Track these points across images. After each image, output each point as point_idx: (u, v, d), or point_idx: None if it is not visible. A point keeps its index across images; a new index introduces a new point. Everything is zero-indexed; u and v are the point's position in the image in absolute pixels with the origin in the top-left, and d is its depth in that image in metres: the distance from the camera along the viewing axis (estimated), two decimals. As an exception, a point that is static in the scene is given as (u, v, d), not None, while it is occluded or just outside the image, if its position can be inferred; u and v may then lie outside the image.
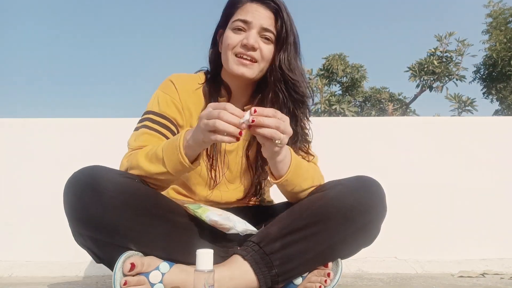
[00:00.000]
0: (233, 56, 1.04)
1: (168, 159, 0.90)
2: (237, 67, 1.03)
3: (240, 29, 1.04)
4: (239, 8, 1.05)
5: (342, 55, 12.33)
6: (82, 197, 0.88)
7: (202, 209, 0.97)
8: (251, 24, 1.02)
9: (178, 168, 0.91)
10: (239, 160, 1.13)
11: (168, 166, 0.90)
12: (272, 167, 0.98)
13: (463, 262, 1.71)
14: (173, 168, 0.91)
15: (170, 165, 0.90)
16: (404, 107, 12.25)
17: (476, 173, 1.87)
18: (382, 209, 1.03)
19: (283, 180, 0.98)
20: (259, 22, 1.02)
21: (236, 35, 1.04)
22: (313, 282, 0.98)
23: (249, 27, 1.03)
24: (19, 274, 1.61)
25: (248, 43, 1.01)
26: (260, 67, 1.05)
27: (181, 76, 1.12)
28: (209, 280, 0.78)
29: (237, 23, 1.04)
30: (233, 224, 0.95)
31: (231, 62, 1.04)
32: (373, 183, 1.03)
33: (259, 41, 1.03)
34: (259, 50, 1.03)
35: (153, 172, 0.93)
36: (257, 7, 1.04)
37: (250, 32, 1.02)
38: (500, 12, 11.76)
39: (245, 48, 1.02)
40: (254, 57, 1.03)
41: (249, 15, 1.03)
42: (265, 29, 1.03)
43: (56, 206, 1.03)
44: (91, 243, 0.91)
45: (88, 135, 1.91)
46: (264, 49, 1.03)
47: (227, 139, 0.83)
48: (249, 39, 1.01)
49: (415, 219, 1.81)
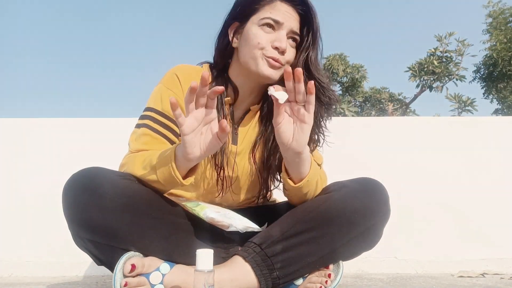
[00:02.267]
0: (262, 57, 0.98)
1: (160, 170, 0.88)
2: (266, 69, 0.98)
3: (269, 27, 0.99)
4: (268, 5, 0.99)
5: (342, 55, 12.32)
6: (81, 200, 0.86)
7: (200, 206, 0.96)
8: (282, 25, 0.98)
9: (169, 181, 0.88)
10: (246, 163, 1.10)
11: (159, 177, 0.89)
12: (295, 168, 0.95)
13: (463, 262, 1.70)
14: (165, 180, 0.89)
15: (161, 177, 0.88)
16: (404, 107, 12.25)
17: (476, 173, 1.87)
18: (386, 212, 1.02)
19: (304, 182, 0.96)
20: (290, 25, 0.99)
21: (266, 34, 0.98)
22: (314, 282, 0.97)
23: (279, 28, 0.98)
24: (19, 274, 1.61)
25: (281, 46, 0.97)
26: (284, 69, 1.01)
27: (185, 68, 1.07)
28: (209, 280, 0.78)
29: (267, 21, 0.98)
30: (232, 222, 0.93)
31: (260, 64, 0.98)
32: (378, 186, 1.03)
33: (287, 44, 0.99)
34: (286, 53, 1.00)
35: (147, 180, 0.92)
36: (287, 8, 1.00)
37: (280, 33, 0.98)
38: (500, 12, 11.74)
39: (277, 51, 0.98)
40: (282, 61, 0.99)
41: (281, 16, 0.98)
42: (294, 32, 1.00)
43: (56, 206, 1.03)
44: (91, 246, 0.90)
45: (88, 135, 1.90)
46: (290, 53, 1.01)
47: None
48: (282, 42, 0.97)
49: (415, 219, 1.81)
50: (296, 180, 0.97)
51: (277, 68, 0.99)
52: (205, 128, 0.85)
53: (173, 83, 1.04)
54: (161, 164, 0.88)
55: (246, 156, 1.09)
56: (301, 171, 0.95)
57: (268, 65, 0.98)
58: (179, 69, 1.06)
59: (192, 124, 0.82)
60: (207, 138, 0.85)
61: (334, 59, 12.14)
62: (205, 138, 0.85)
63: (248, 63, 1.00)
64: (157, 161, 0.88)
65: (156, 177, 0.89)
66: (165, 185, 0.90)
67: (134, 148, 1.00)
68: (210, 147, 0.85)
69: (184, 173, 0.89)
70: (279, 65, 0.99)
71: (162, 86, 1.04)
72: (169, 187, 0.92)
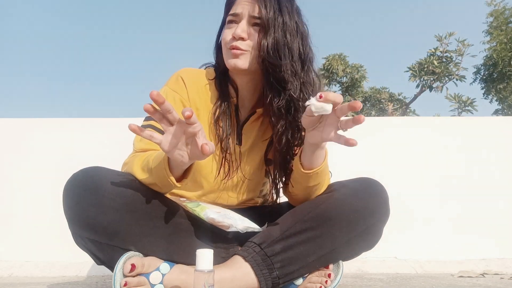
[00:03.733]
0: (228, 50, 1.01)
1: (156, 173, 0.86)
2: (229, 60, 1.00)
3: (232, 23, 1.01)
4: (233, 4, 1.02)
5: (342, 55, 12.32)
6: (81, 199, 0.87)
7: (201, 207, 0.96)
8: (240, 16, 1.00)
9: (165, 183, 0.87)
10: (249, 163, 1.10)
11: (156, 179, 0.88)
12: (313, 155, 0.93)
13: (463, 262, 1.71)
14: (161, 183, 0.88)
15: (157, 179, 0.87)
16: (404, 107, 12.24)
17: (476, 173, 1.87)
18: (385, 212, 1.02)
19: (317, 169, 0.95)
20: (247, 11, 0.99)
21: (228, 30, 1.01)
22: (314, 282, 0.98)
23: (239, 19, 1.00)
24: (19, 274, 1.61)
25: (235, 33, 0.98)
26: (252, 55, 1.00)
27: (190, 71, 1.09)
28: (209, 280, 0.78)
29: (229, 18, 1.02)
30: (232, 222, 0.93)
31: (226, 57, 1.02)
32: (377, 186, 1.03)
33: (251, 30, 0.99)
34: (249, 39, 0.99)
35: (146, 182, 0.91)
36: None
37: (240, 23, 1.00)
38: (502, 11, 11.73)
39: (234, 39, 0.99)
40: (242, 47, 0.99)
41: (239, 7, 1.00)
42: (253, 16, 0.99)
43: (56, 206, 1.03)
44: (91, 245, 0.90)
45: (88, 135, 1.90)
46: (254, 37, 0.99)
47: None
48: (237, 29, 0.98)
49: (415, 219, 1.81)
50: (307, 168, 0.97)
51: (238, 55, 0.99)
52: (190, 139, 0.80)
53: (178, 85, 1.05)
54: (156, 167, 0.86)
55: (250, 157, 1.09)
56: (317, 159, 0.95)
57: (230, 55, 1.00)
58: (183, 71, 1.07)
59: (171, 141, 0.78)
60: (194, 147, 0.80)
61: (334, 59, 12.14)
62: (192, 148, 0.81)
63: (225, 61, 1.03)
64: (153, 164, 0.87)
65: (153, 180, 0.89)
66: (161, 187, 0.90)
67: (138, 148, 1.00)
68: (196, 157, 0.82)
69: (180, 174, 0.88)
70: (240, 52, 0.99)
71: (167, 88, 1.05)
72: (166, 190, 0.92)
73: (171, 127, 0.78)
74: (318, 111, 0.79)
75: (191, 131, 0.77)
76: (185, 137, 0.79)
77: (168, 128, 0.78)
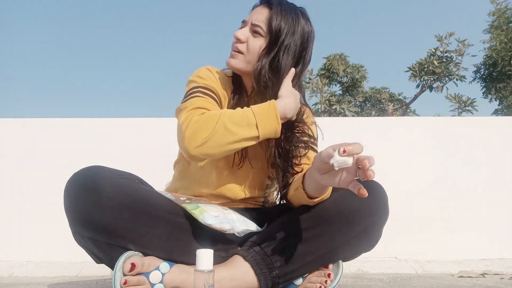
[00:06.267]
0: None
1: (263, 124, 0.93)
2: (228, 60, 1.07)
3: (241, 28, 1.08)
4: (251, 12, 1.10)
5: (343, 55, 12.32)
6: (81, 198, 0.88)
7: (199, 209, 0.96)
8: (246, 22, 1.07)
9: (269, 134, 0.95)
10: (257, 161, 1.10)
11: (261, 131, 0.93)
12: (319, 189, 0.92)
13: (463, 262, 1.71)
14: (264, 134, 0.94)
15: (264, 131, 0.93)
16: (404, 107, 12.24)
17: (476, 173, 1.87)
18: (385, 212, 1.02)
19: (324, 196, 0.95)
20: (251, 19, 1.06)
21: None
22: (313, 282, 0.98)
23: (245, 25, 1.07)
24: (19, 274, 1.61)
25: (235, 35, 1.05)
26: (247, 58, 1.05)
27: (213, 68, 1.14)
28: (209, 280, 0.78)
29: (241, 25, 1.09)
30: (231, 226, 0.93)
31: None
32: (375, 185, 1.02)
33: (249, 35, 1.05)
34: (246, 42, 1.05)
35: (242, 137, 0.92)
36: (257, 8, 1.08)
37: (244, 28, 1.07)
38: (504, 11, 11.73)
39: (236, 41, 1.06)
40: (238, 48, 1.05)
41: (249, 16, 1.07)
42: (254, 24, 1.04)
43: (56, 206, 1.03)
44: (90, 244, 0.91)
45: (88, 135, 1.91)
46: (250, 41, 1.04)
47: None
48: (237, 32, 1.05)
49: (415, 219, 1.81)
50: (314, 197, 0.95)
51: (234, 55, 1.06)
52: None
53: (206, 73, 1.10)
54: (263, 116, 0.93)
55: (258, 155, 1.09)
56: (324, 190, 0.94)
57: (230, 55, 1.07)
58: (208, 67, 1.13)
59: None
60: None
61: (335, 59, 12.14)
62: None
63: None
64: (257, 114, 0.93)
65: (255, 130, 0.93)
66: (261, 138, 0.94)
67: (196, 105, 0.97)
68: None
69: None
70: (234, 53, 1.06)
71: (201, 69, 1.11)
72: (262, 140, 0.96)
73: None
74: (340, 166, 0.76)
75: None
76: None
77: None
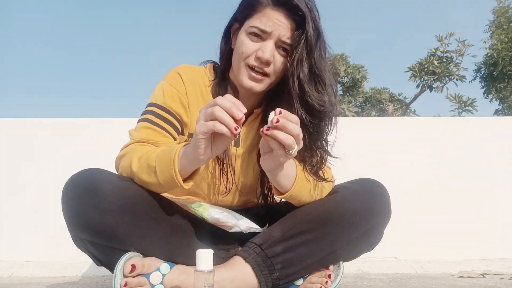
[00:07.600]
0: (245, 67, 0.97)
1: (161, 171, 0.85)
2: (247, 81, 0.97)
3: (256, 36, 0.95)
4: (259, 12, 0.94)
5: (343, 56, 12.32)
6: (80, 202, 0.86)
7: (203, 207, 0.96)
8: (270, 35, 0.94)
9: (169, 183, 0.86)
10: (247, 164, 1.08)
11: (160, 179, 0.86)
12: (274, 182, 0.93)
13: (463, 262, 1.71)
14: (165, 182, 0.86)
15: (162, 178, 0.86)
16: (404, 107, 12.24)
17: (476, 173, 1.87)
18: (387, 213, 1.02)
19: (287, 195, 0.94)
20: (277, 33, 0.93)
21: (251, 42, 0.95)
22: (314, 283, 0.98)
23: (266, 37, 0.94)
24: (19, 274, 1.61)
25: (263, 56, 0.93)
26: (271, 80, 0.98)
27: (188, 68, 1.06)
28: (209, 280, 0.78)
29: (254, 30, 0.94)
30: (236, 222, 0.94)
31: (242, 73, 0.97)
32: (378, 186, 1.02)
33: (275, 53, 0.95)
34: (273, 63, 0.95)
35: (146, 182, 0.88)
36: (278, 16, 0.93)
37: (267, 43, 0.94)
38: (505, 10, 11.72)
39: (259, 61, 0.95)
40: (267, 72, 0.96)
41: (269, 25, 0.93)
42: (283, 41, 0.94)
43: (56, 206, 1.03)
44: (91, 247, 0.90)
45: (88, 135, 1.90)
46: (278, 63, 0.96)
47: (225, 130, 0.75)
48: (265, 52, 0.93)
49: (415, 219, 1.81)
50: (281, 192, 0.95)
51: (259, 80, 0.97)
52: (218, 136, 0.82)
53: (176, 81, 1.03)
54: (162, 166, 0.85)
55: (247, 158, 1.09)
56: (282, 186, 0.93)
57: (249, 76, 0.97)
58: (181, 68, 1.05)
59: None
60: (217, 137, 0.82)
61: (335, 59, 12.13)
62: (215, 138, 0.82)
63: (235, 70, 1.01)
64: (157, 162, 0.86)
65: (154, 177, 0.86)
66: (164, 186, 0.88)
67: (137, 137, 0.96)
68: (220, 146, 0.83)
69: (187, 176, 0.87)
70: (260, 78, 0.96)
71: (165, 82, 1.03)
72: (168, 189, 0.91)
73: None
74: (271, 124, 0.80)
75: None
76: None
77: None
